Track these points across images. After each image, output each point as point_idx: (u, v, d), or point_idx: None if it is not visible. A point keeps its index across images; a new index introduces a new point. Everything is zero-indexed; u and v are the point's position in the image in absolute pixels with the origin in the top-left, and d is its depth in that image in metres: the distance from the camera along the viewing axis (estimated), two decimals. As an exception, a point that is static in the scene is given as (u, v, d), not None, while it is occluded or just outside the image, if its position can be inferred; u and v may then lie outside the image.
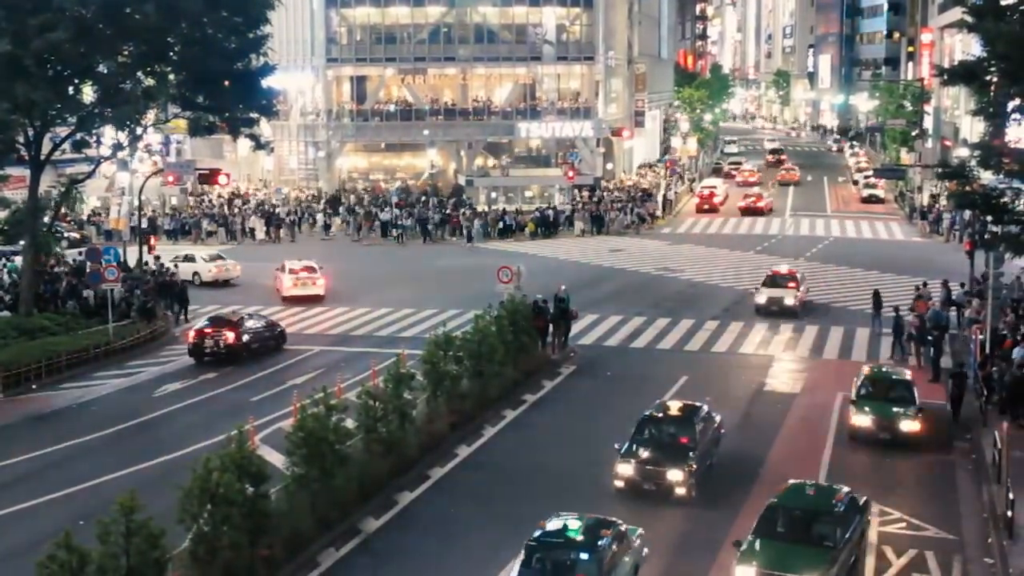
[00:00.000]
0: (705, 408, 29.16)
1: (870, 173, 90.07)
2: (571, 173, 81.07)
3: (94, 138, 46.48)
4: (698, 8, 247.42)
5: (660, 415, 28.54)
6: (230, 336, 40.51)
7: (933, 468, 29.20)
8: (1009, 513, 23.79)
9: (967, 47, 63.07)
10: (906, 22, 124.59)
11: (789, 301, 46.97)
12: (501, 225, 74.21)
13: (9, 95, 40.54)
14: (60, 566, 17.91)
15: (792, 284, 48.11)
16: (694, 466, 26.42)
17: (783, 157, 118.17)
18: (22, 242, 46.07)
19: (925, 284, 45.78)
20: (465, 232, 72.28)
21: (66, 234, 62.24)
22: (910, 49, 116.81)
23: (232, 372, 39.50)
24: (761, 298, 47.42)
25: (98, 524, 18.91)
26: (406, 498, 26.70)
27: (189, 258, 56.89)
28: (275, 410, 33.30)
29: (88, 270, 48.46)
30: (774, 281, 48.44)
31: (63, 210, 53.86)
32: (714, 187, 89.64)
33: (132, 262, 53.23)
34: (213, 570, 20.98)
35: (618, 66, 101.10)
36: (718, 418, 29.45)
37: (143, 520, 18.94)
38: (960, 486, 27.87)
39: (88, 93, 45.57)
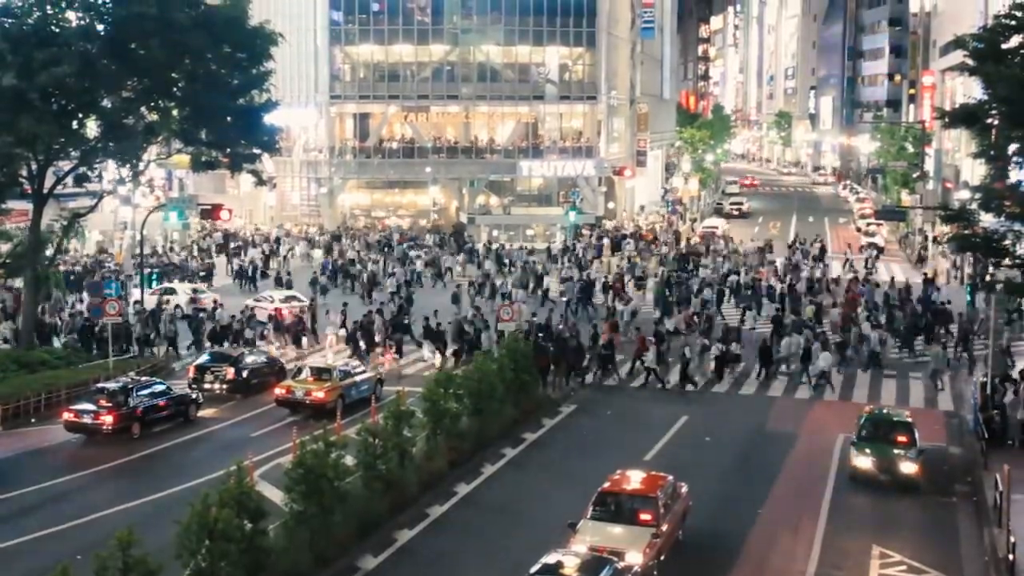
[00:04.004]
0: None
1: (872, 221, 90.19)
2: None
3: (95, 172, 46.59)
4: (700, 49, 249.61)
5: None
6: (229, 371, 40.63)
7: (934, 510, 29.07)
8: (1011, 556, 23.69)
9: (968, 90, 63.27)
10: (907, 65, 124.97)
11: (634, 557, 22.54)
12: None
13: (13, 129, 40.69)
14: (56, 601, 17.83)
15: (647, 515, 24.24)
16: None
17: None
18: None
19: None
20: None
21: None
22: (911, 91, 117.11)
23: (232, 407, 39.43)
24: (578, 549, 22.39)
25: (96, 559, 18.81)
26: (405, 536, 26.55)
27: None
28: (274, 446, 33.18)
29: (88, 304, 48.43)
30: (616, 507, 24.90)
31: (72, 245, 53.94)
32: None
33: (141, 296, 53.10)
34: (210, 607, 20.86)
35: (620, 106, 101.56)
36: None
37: (141, 555, 18.85)
38: (961, 529, 27.72)
39: (91, 127, 45.70)
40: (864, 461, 30.58)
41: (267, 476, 29.48)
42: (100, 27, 43.31)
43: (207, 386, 40.30)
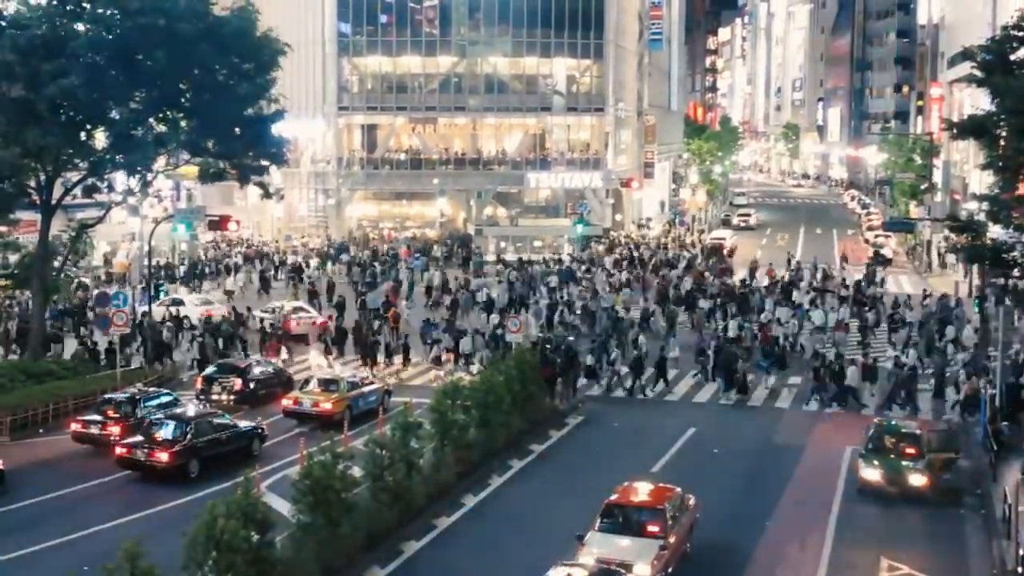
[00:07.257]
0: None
1: (879, 233, 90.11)
2: None
3: (104, 183, 46.65)
4: (708, 61, 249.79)
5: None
6: (237, 382, 40.63)
7: (942, 522, 28.99)
8: (1019, 569, 23.56)
9: (976, 101, 63.23)
10: (915, 76, 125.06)
11: (642, 569, 22.96)
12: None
13: (21, 140, 40.76)
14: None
15: (654, 527, 24.26)
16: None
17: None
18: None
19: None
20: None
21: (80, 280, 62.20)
22: (919, 103, 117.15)
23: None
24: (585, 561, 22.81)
25: (103, 570, 18.80)
26: (412, 547, 26.53)
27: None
28: (281, 457, 33.22)
29: (96, 315, 48.41)
30: (624, 519, 24.86)
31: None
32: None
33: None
34: (217, 618, 20.83)
35: (628, 117, 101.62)
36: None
37: (148, 567, 18.83)
38: (969, 541, 27.66)
39: (100, 138, 45.75)
40: (872, 473, 30.52)
41: (274, 487, 29.52)
42: (108, 38, 43.36)
43: (215, 397, 40.31)
